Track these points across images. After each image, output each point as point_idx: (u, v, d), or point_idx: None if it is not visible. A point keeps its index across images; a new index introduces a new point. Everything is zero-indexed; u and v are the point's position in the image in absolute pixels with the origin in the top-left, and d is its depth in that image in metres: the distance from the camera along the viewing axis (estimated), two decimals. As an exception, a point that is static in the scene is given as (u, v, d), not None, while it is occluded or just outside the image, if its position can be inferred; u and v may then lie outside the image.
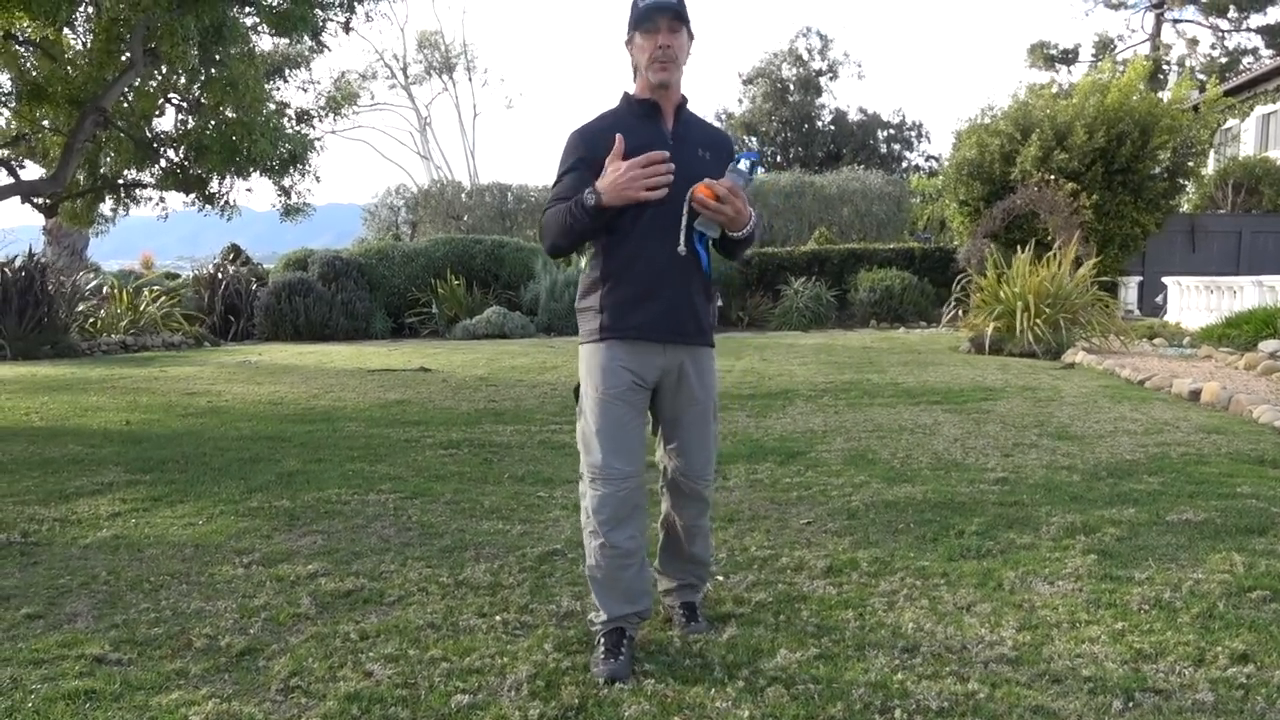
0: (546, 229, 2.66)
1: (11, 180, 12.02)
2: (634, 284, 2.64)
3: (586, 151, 2.64)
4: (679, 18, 2.60)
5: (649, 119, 2.67)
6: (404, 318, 17.98)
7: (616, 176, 2.50)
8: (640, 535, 2.70)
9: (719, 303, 19.10)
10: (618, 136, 2.55)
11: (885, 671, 2.57)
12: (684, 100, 2.73)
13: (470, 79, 39.21)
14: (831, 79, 39.10)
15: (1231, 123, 22.67)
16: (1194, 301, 14.59)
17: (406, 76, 36.51)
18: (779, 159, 38.01)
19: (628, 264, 2.63)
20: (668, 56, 2.59)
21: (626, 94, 2.73)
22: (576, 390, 2.78)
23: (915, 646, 2.74)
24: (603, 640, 2.65)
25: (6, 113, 12.34)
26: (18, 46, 11.11)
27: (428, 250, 18.47)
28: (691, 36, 2.67)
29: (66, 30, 10.86)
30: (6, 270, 12.96)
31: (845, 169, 29.85)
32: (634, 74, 2.70)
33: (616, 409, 2.64)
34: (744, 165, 2.59)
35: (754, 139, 38.47)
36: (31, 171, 12.75)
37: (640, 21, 2.60)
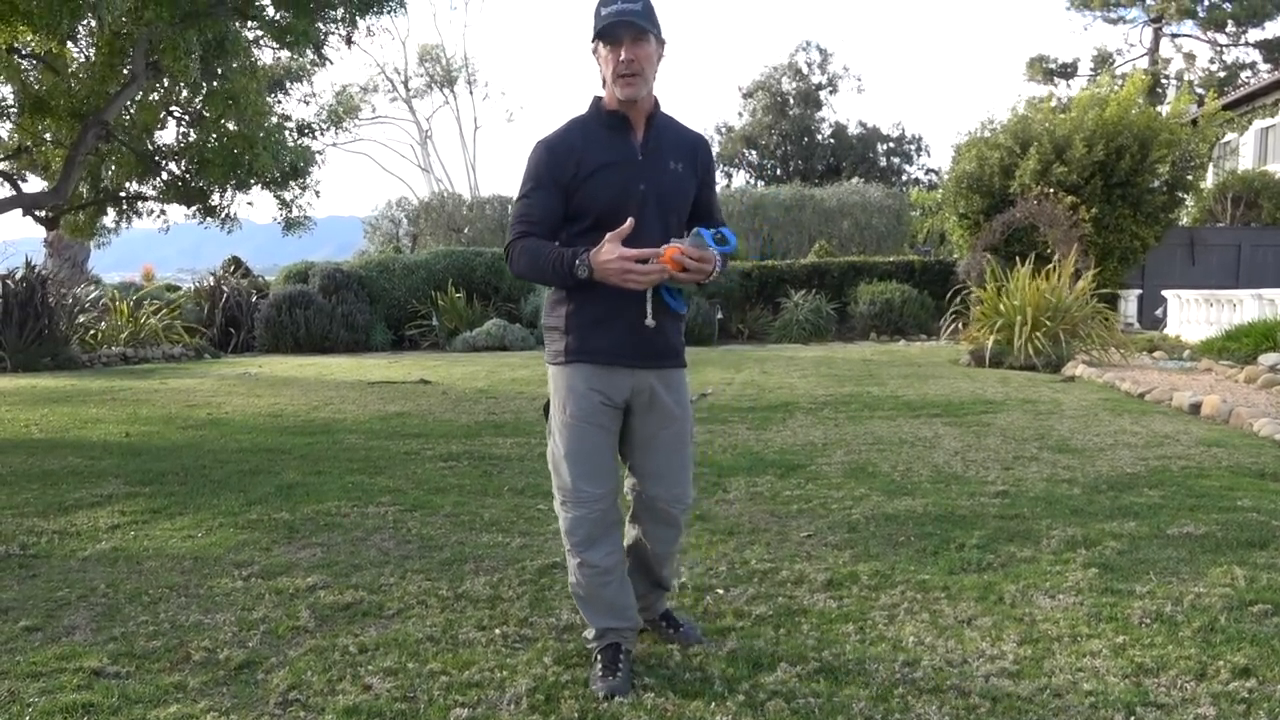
0: (519, 262, 2.54)
1: (13, 193, 12.05)
2: (599, 305, 2.54)
3: (553, 169, 2.53)
4: (643, 31, 2.46)
5: (618, 131, 2.56)
6: (404, 330, 17.99)
7: (611, 262, 2.39)
8: (617, 551, 2.68)
9: (719, 315, 19.12)
10: (629, 220, 2.43)
11: (886, 686, 2.57)
12: (655, 106, 2.60)
13: (471, 92, 39.54)
14: (831, 93, 39.27)
15: (1230, 136, 22.73)
16: (1194, 314, 14.60)
17: (407, 90, 36.68)
18: (779, 172, 38.12)
19: (593, 285, 2.48)
20: (632, 70, 2.46)
21: (597, 100, 2.61)
22: (546, 408, 2.73)
23: (916, 660, 2.73)
24: (600, 657, 2.64)
25: (9, 125, 12.39)
26: (20, 60, 11.16)
27: (428, 263, 18.49)
28: (661, 42, 2.53)
29: (69, 44, 10.90)
30: (7, 282, 12.97)
31: (845, 182, 29.98)
32: (603, 82, 2.56)
33: (584, 431, 2.58)
34: (706, 236, 2.46)
35: (754, 152, 38.58)
36: (33, 184, 12.79)
37: (602, 33, 2.47)
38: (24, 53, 10.90)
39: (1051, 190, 15.28)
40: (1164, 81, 33.60)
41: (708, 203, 2.75)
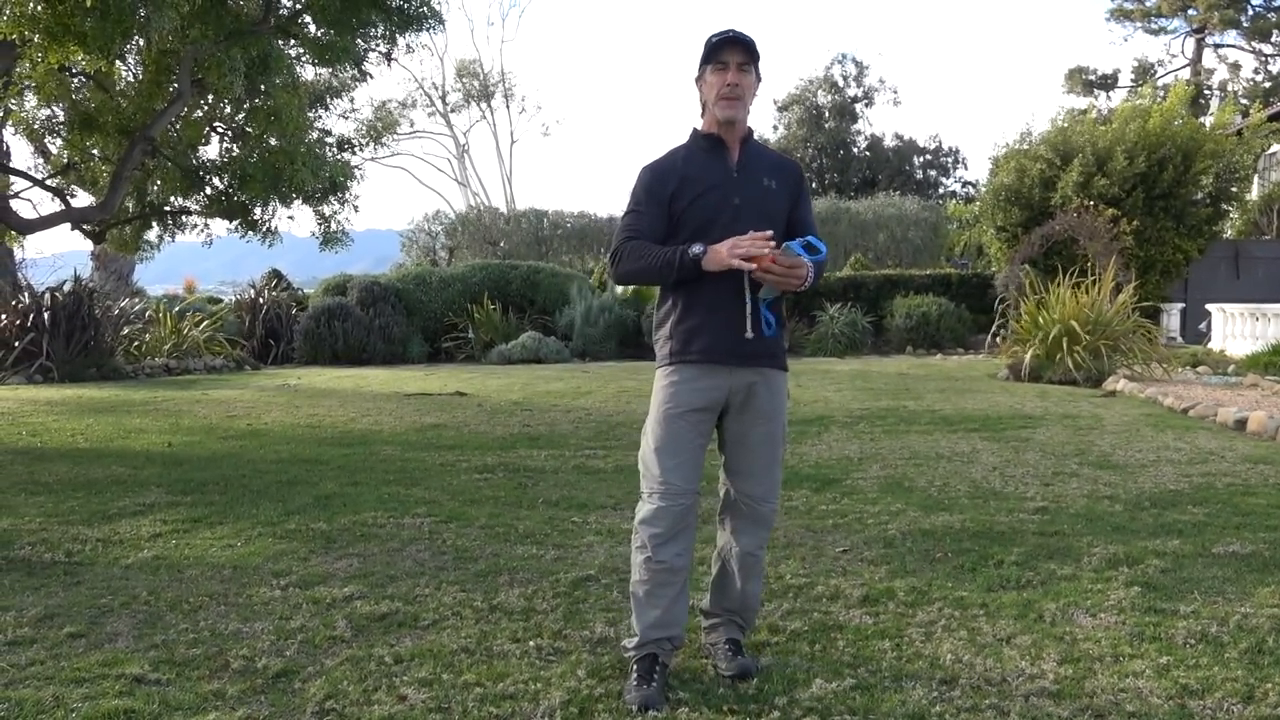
0: (626, 261, 2.73)
1: (62, 208, 12.32)
2: (699, 313, 2.73)
3: (656, 188, 2.76)
4: (750, 55, 2.71)
5: (714, 153, 2.79)
6: (440, 342, 18.13)
7: (722, 245, 2.58)
8: (687, 554, 2.73)
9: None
10: (765, 233, 2.58)
11: (923, 703, 2.54)
12: (750, 133, 2.84)
13: (508, 106, 39.69)
14: (867, 105, 39.04)
15: (1276, 148, 22.29)
16: (1238, 329, 14.32)
17: (445, 105, 37.04)
18: (814, 185, 37.96)
19: (696, 295, 2.71)
20: (735, 94, 2.71)
21: (694, 129, 2.86)
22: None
23: (954, 678, 2.70)
24: (635, 667, 2.65)
25: (59, 142, 12.67)
26: (71, 79, 11.43)
27: (464, 276, 18.64)
28: (759, 78, 2.79)
29: (118, 62, 11.14)
30: (55, 295, 13.26)
31: (881, 195, 29.82)
32: (702, 110, 2.82)
33: (677, 426, 2.71)
34: (795, 247, 2.62)
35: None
36: (81, 199, 13.05)
37: (711, 56, 2.72)
38: (74, 71, 11.15)
39: (1092, 203, 15.08)
40: (1207, 92, 33.08)
41: (802, 220, 2.89)
